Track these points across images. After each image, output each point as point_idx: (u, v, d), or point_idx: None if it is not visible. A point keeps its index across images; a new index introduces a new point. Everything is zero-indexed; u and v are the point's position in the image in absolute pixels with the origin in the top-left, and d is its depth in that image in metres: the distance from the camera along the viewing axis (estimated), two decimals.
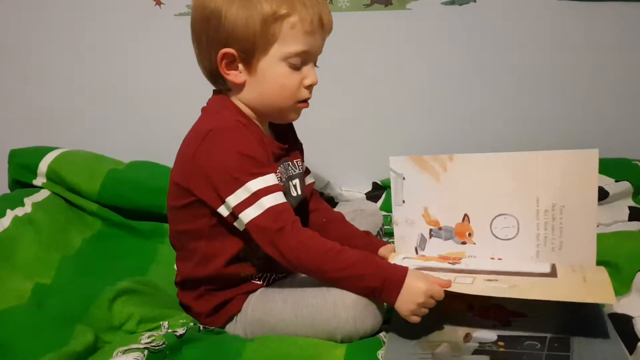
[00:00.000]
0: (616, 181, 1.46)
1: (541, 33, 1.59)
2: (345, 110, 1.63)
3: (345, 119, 1.64)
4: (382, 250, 1.07)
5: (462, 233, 1.04)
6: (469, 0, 1.56)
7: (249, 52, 0.93)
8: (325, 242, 0.90)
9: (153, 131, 1.63)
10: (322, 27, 0.95)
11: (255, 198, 0.89)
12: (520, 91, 1.64)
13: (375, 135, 1.67)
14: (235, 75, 0.95)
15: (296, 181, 1.05)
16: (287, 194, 1.01)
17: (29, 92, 1.64)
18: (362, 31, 1.56)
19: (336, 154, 1.63)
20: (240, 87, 0.97)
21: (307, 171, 1.14)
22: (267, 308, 0.95)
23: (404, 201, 1.05)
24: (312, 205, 1.13)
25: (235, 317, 0.99)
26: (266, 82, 0.95)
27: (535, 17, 1.58)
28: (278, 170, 0.98)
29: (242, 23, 0.91)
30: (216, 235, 0.96)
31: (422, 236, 1.05)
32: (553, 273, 0.91)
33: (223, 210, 0.93)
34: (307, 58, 0.96)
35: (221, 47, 0.93)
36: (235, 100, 0.99)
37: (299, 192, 1.05)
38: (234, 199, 0.90)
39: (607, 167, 1.49)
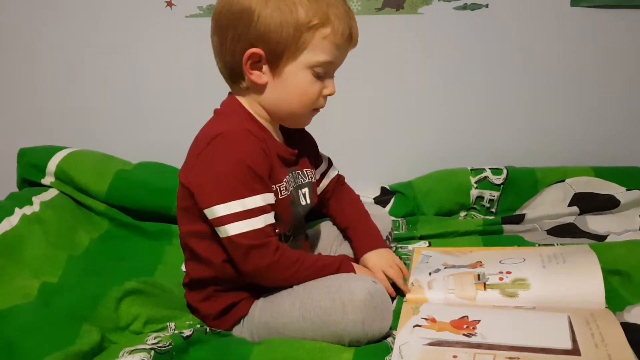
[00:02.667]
0: (627, 190, 1.45)
1: (553, 39, 1.59)
2: (354, 115, 1.63)
3: (354, 123, 1.64)
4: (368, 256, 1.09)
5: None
6: (481, 6, 1.56)
7: (277, 55, 0.93)
8: (292, 266, 0.94)
9: (162, 132, 1.64)
10: (351, 41, 0.96)
11: (249, 215, 0.89)
12: (532, 97, 1.63)
13: (384, 140, 1.66)
14: (258, 76, 0.95)
15: (306, 190, 1.05)
16: (295, 203, 1.01)
17: (39, 92, 1.64)
18: (373, 35, 1.56)
19: (345, 159, 1.61)
20: (260, 88, 0.96)
21: (330, 163, 1.17)
22: (275, 311, 0.95)
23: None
24: (334, 201, 1.18)
25: (242, 320, 0.99)
26: (288, 86, 0.95)
27: (548, 22, 1.57)
28: (285, 180, 0.98)
29: (275, 26, 0.91)
30: (219, 237, 0.95)
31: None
32: (575, 350, 0.85)
33: (208, 213, 0.92)
34: (330, 69, 0.97)
35: (248, 45, 0.92)
36: (249, 101, 0.99)
37: (309, 201, 1.05)
38: (224, 209, 0.89)
39: (618, 175, 1.49)
